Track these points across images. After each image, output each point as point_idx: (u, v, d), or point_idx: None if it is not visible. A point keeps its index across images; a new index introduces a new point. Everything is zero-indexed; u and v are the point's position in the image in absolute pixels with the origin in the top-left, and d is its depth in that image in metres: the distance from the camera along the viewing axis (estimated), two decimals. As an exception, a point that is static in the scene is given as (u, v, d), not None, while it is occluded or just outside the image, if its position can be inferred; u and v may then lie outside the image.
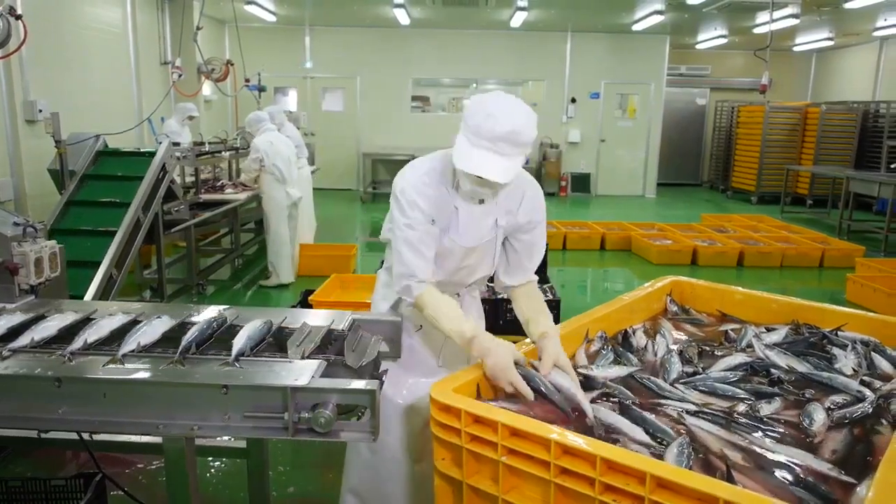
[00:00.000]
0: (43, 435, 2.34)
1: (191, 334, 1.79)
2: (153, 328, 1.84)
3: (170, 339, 1.81)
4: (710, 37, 12.67)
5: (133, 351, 1.73)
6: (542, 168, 13.14)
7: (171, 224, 5.26)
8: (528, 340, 2.13)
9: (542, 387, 1.79)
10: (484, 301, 4.52)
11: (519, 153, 1.83)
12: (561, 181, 13.24)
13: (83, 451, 2.88)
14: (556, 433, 1.56)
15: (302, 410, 1.55)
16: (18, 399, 1.63)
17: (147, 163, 4.84)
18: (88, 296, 3.79)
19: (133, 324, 1.89)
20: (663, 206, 12.50)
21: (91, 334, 1.80)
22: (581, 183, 13.46)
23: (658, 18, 10.43)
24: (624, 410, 1.79)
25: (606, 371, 2.06)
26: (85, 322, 1.91)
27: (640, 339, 2.36)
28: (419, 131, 12.52)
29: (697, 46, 13.95)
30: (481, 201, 2.02)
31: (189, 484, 1.68)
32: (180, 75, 9.10)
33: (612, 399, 1.89)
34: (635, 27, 11.74)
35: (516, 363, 1.84)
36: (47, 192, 5.75)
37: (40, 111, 6.11)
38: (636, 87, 13.39)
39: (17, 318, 1.92)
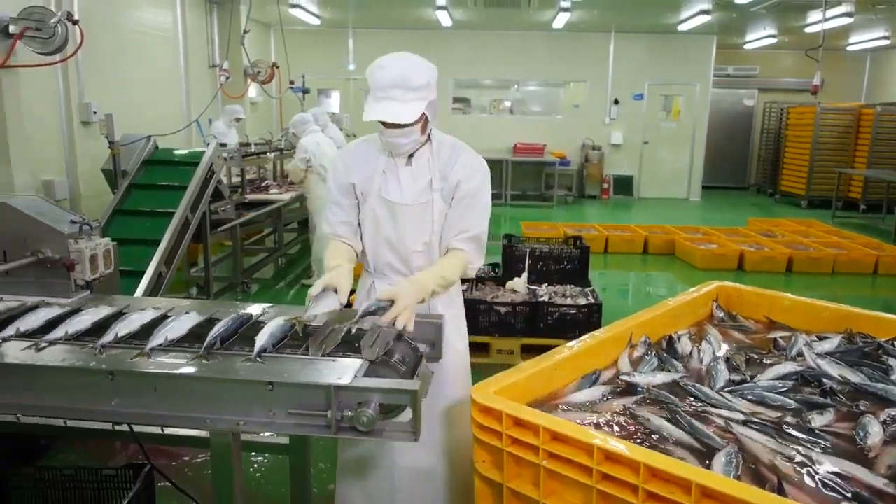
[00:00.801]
0: (95, 425, 2.42)
1: (216, 330, 1.82)
2: (181, 324, 1.89)
3: (196, 334, 1.85)
4: (759, 37, 12.36)
5: (160, 345, 1.78)
6: (584, 170, 13.01)
7: (218, 223, 5.38)
8: (569, 345, 2.12)
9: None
10: (523, 304, 4.53)
11: (414, 97, 1.96)
12: (603, 183, 13.09)
13: (132, 443, 2.97)
14: (599, 438, 1.54)
15: (345, 409, 1.56)
16: (74, 390, 1.69)
17: (193, 170, 4.95)
18: (139, 292, 3.90)
19: (162, 319, 1.94)
20: (708, 210, 12.23)
21: (122, 328, 1.85)
22: (623, 185, 13.28)
23: (704, 18, 10.22)
24: (670, 417, 1.76)
25: (650, 377, 2.03)
26: (117, 316, 1.97)
27: (684, 346, 2.31)
28: (459, 133, 12.35)
29: (745, 46, 13.63)
30: (408, 164, 2.13)
31: (234, 478, 1.72)
32: (227, 78, 9.30)
33: (656, 405, 1.86)
34: (681, 27, 11.53)
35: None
36: (100, 192, 5.94)
37: (95, 113, 6.32)
38: (681, 89, 13.15)
39: (55, 311, 1.99)
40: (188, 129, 7.99)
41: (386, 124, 2.01)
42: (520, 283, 4.89)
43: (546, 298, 4.69)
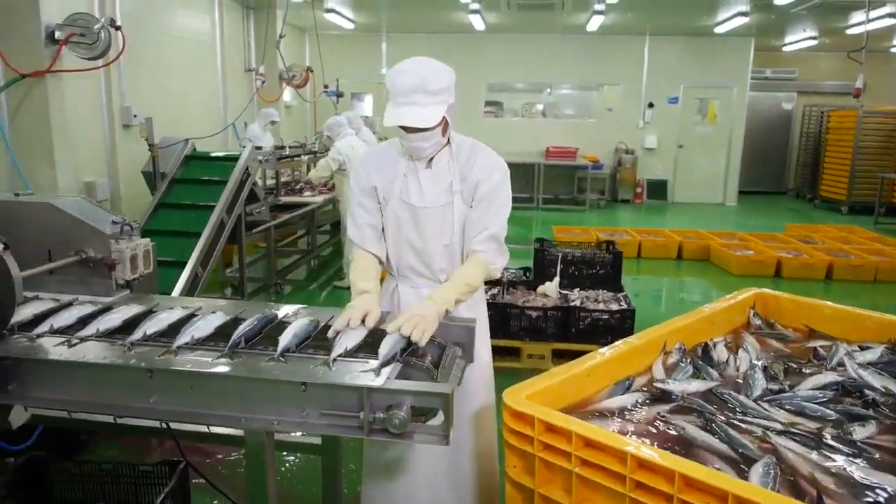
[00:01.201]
0: (131, 422, 2.48)
1: (241, 329, 1.85)
2: (207, 323, 1.93)
3: (223, 333, 1.88)
4: (799, 38, 12.09)
5: (187, 343, 1.81)
6: (617, 174, 12.89)
7: (253, 225, 5.46)
8: (601, 351, 2.10)
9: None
10: (555, 309, 4.50)
11: (435, 101, 1.98)
12: (636, 188, 12.94)
13: (167, 439, 3.03)
14: (633, 446, 1.52)
15: (377, 411, 1.57)
16: (114, 387, 1.73)
17: (231, 166, 5.04)
18: (176, 292, 3.98)
19: (190, 318, 1.98)
20: (745, 215, 12.01)
21: (150, 327, 1.89)
22: (657, 190, 13.11)
23: (742, 20, 10.03)
24: (705, 425, 1.73)
25: (685, 385, 2.00)
26: (147, 315, 2.02)
27: (720, 353, 2.28)
28: (491, 136, 12.36)
29: (784, 49, 13.35)
30: (428, 167, 2.14)
31: (267, 476, 1.74)
32: (263, 82, 9.45)
33: (691, 413, 1.83)
34: (717, 29, 11.34)
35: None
36: (140, 194, 6.08)
37: (135, 116, 6.48)
38: (717, 92, 12.93)
39: (87, 308, 2.05)
40: (224, 131, 8.13)
41: (407, 129, 2.03)
42: (551, 288, 4.86)
43: (578, 303, 4.66)
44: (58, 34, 4.79)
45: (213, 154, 5.60)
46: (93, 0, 6.24)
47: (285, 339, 1.80)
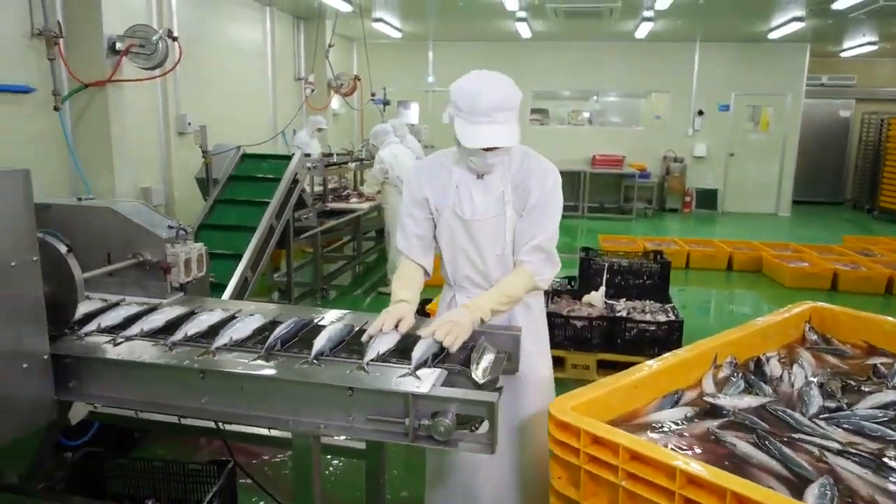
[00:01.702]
0: (182, 421, 2.54)
1: (277, 332, 1.90)
2: (245, 325, 1.98)
3: (260, 335, 1.93)
4: (857, 44, 11.67)
5: (225, 345, 1.86)
6: (665, 182, 12.66)
7: (300, 230, 5.56)
8: (649, 363, 2.06)
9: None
10: (600, 318, 4.44)
11: (512, 116, 1.98)
12: (685, 197, 12.69)
13: (215, 439, 3.10)
14: (681, 461, 1.49)
15: (422, 417, 1.58)
16: (167, 387, 1.78)
17: (282, 169, 5.15)
18: (226, 295, 4.07)
19: (229, 320, 2.03)
20: (799, 226, 11.64)
21: (191, 328, 1.96)
22: (707, 199, 12.82)
23: (798, 26, 9.77)
24: (758, 442, 1.68)
25: (737, 400, 1.95)
26: (188, 316, 2.08)
27: (774, 368, 2.21)
28: (537, 144, 12.24)
29: (842, 54, 12.92)
30: (480, 177, 2.13)
31: (314, 479, 1.76)
32: (312, 90, 9.63)
33: (743, 429, 1.78)
34: (771, 35, 11.06)
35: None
36: (192, 199, 6.26)
37: (189, 124, 6.68)
38: (771, 99, 12.59)
39: (133, 309, 2.13)
40: (274, 139, 8.32)
41: (486, 147, 1.98)
42: (597, 297, 4.80)
43: (624, 314, 4.59)
44: (119, 45, 4.98)
45: (263, 163, 5.70)
46: (151, 12, 6.48)
47: (319, 342, 1.83)
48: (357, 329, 1.98)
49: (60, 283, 1.85)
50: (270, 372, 1.71)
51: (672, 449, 1.64)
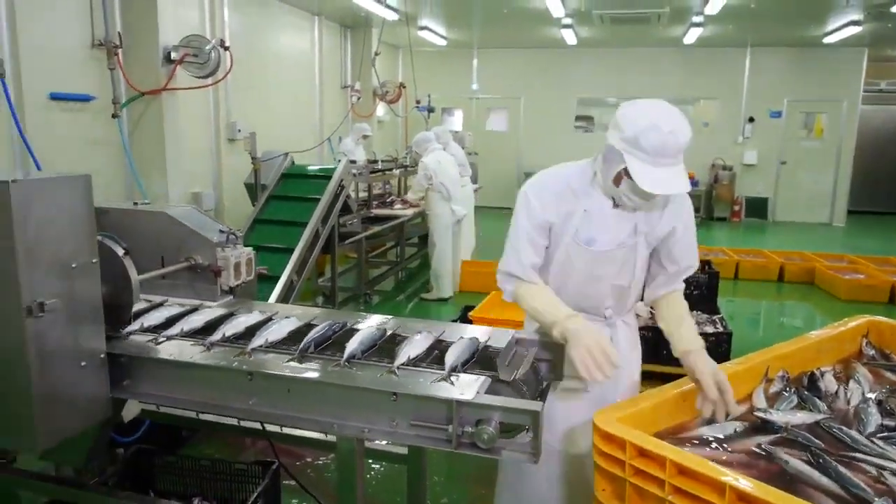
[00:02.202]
0: (228, 421, 2.59)
1: (312, 335, 1.92)
2: (281, 327, 2.01)
3: (295, 337, 1.96)
4: (920, 48, 11.26)
5: (261, 346, 1.89)
6: (713, 191, 12.39)
7: (345, 236, 5.63)
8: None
9: None
10: (646, 329, 4.36)
11: (682, 159, 1.81)
12: (734, 205, 12.39)
13: (260, 440, 3.15)
14: (730, 476, 1.45)
15: (466, 424, 1.58)
16: (216, 387, 1.82)
17: (326, 181, 5.24)
18: (272, 299, 4.15)
19: (266, 322, 2.07)
20: (854, 236, 11.23)
21: (229, 329, 2.00)
22: (757, 208, 12.51)
23: (855, 30, 9.46)
24: (811, 460, 1.63)
25: (789, 416, 1.88)
26: (227, 318, 2.13)
27: (829, 384, 2.14)
28: (582, 151, 12.25)
29: (902, 59, 12.48)
30: (616, 206, 1.96)
31: (357, 482, 1.78)
32: (358, 98, 9.77)
33: (795, 446, 1.73)
34: (827, 40, 10.73)
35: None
36: (240, 204, 6.41)
37: (239, 131, 6.85)
38: (825, 105, 12.22)
39: (175, 309, 2.20)
40: (320, 146, 8.46)
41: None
42: (642, 308, 4.69)
43: (669, 324, 4.49)
44: (174, 55, 5.15)
45: (310, 168, 5.80)
46: (205, 22, 6.68)
47: (351, 345, 1.85)
48: (390, 333, 2.00)
49: (117, 285, 1.92)
50: (316, 375, 1.74)
51: (721, 464, 1.60)
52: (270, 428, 2.49)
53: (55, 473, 2.54)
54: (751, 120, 12.36)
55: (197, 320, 2.09)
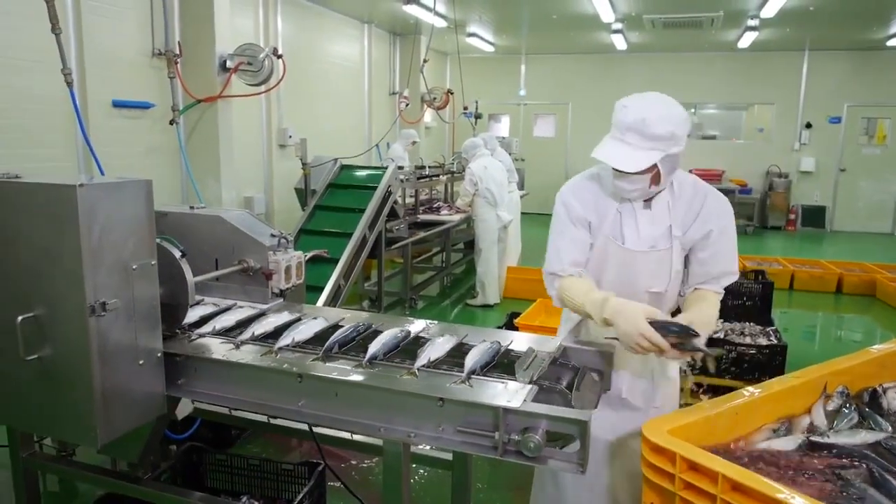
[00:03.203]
0: (276, 421, 2.64)
1: (336, 335, 1.97)
2: (308, 327, 2.06)
3: (321, 337, 2.00)
4: None
5: (288, 345, 1.94)
6: (768, 199, 12.02)
7: (392, 241, 5.68)
8: (751, 389, 1.96)
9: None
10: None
11: (648, 146, 1.80)
12: (789, 214, 12.00)
13: (306, 441, 3.20)
14: (787, 493, 1.40)
15: (512, 432, 1.57)
16: (267, 388, 1.86)
17: (377, 180, 5.29)
18: (320, 303, 4.22)
19: (295, 322, 2.12)
20: (919, 248, 10.75)
21: (258, 328, 2.07)
22: (814, 216, 12.09)
23: (921, 32, 9.09)
24: (873, 480, 1.56)
25: (849, 434, 1.81)
26: (258, 317, 2.20)
27: (892, 401, 2.05)
28: (630, 158, 12.12)
29: (973, 62, 11.88)
30: (647, 207, 1.97)
31: (403, 486, 1.79)
32: (407, 104, 9.85)
33: (856, 466, 1.66)
34: (890, 42, 10.32)
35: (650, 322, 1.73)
36: (290, 208, 6.54)
37: (290, 137, 6.99)
38: (889, 111, 11.73)
39: (209, 308, 2.28)
40: (369, 152, 8.56)
41: (615, 166, 1.87)
42: (692, 318, 4.61)
43: (722, 335, 4.38)
44: (229, 63, 5.30)
45: (358, 174, 5.87)
46: (259, 31, 6.85)
47: (374, 347, 1.88)
48: (413, 335, 2.04)
49: (174, 286, 1.98)
50: (364, 379, 1.76)
51: (777, 481, 1.55)
52: (317, 429, 2.53)
53: (111, 467, 2.64)
54: (808, 126, 11.97)
55: (229, 319, 2.16)
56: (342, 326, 2.08)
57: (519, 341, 2.02)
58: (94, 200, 1.63)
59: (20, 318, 1.69)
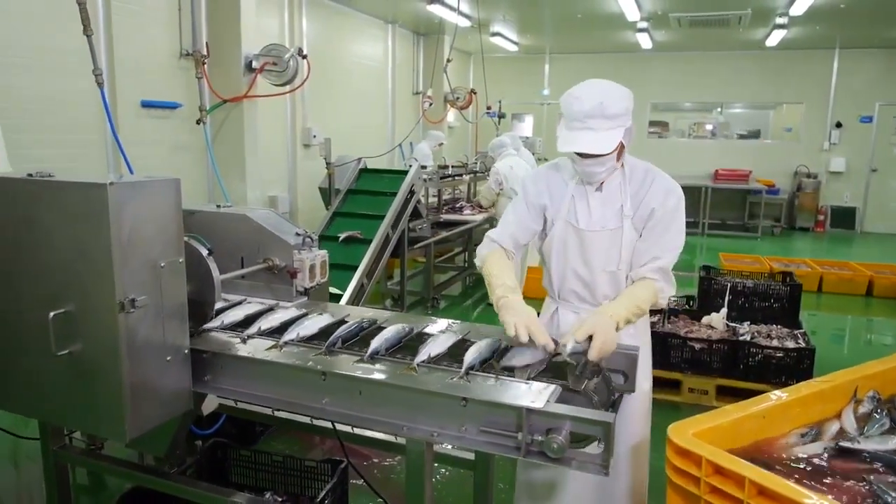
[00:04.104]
0: (300, 418, 2.66)
1: (340, 331, 2.00)
2: (313, 323, 2.09)
3: (326, 333, 2.03)
4: None
5: (292, 340, 1.98)
6: (796, 199, 11.82)
7: (415, 241, 5.68)
8: (778, 392, 1.93)
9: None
10: (721, 342, 4.22)
11: (611, 126, 1.92)
12: (818, 215, 11.79)
13: (329, 438, 3.22)
14: (815, 499, 1.38)
15: (535, 433, 1.56)
16: (291, 386, 1.87)
17: (398, 182, 5.30)
18: (343, 301, 4.24)
19: (301, 317, 2.15)
20: (953, 250, 10.48)
21: (265, 323, 2.10)
22: (843, 218, 11.85)
23: (957, 29, 8.86)
24: (905, 488, 1.53)
25: (880, 439, 1.78)
26: (265, 312, 2.23)
27: (925, 407, 2.00)
28: (655, 157, 11.87)
29: None
30: (599, 189, 2.09)
31: (425, 486, 1.79)
32: (430, 104, 9.86)
33: (888, 472, 1.63)
34: (925, 40, 10.10)
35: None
36: (314, 208, 6.58)
37: (314, 137, 7.04)
38: (922, 110, 11.47)
39: (221, 303, 2.27)
40: (392, 151, 8.59)
41: (581, 154, 1.98)
42: (717, 319, 4.56)
43: (748, 338, 4.32)
44: (254, 63, 5.35)
45: (382, 173, 5.90)
46: (284, 31, 6.91)
47: (376, 342, 1.90)
48: (416, 332, 2.06)
49: (201, 284, 2.00)
50: (388, 378, 1.76)
51: (805, 487, 1.52)
52: (339, 427, 2.55)
53: (138, 462, 2.68)
54: (838, 125, 11.74)
55: (237, 315, 2.19)
56: (347, 322, 2.11)
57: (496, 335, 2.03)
58: (124, 199, 1.66)
59: (52, 313, 1.72)
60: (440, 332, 2.02)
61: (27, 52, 4.25)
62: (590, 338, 1.79)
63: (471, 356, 1.80)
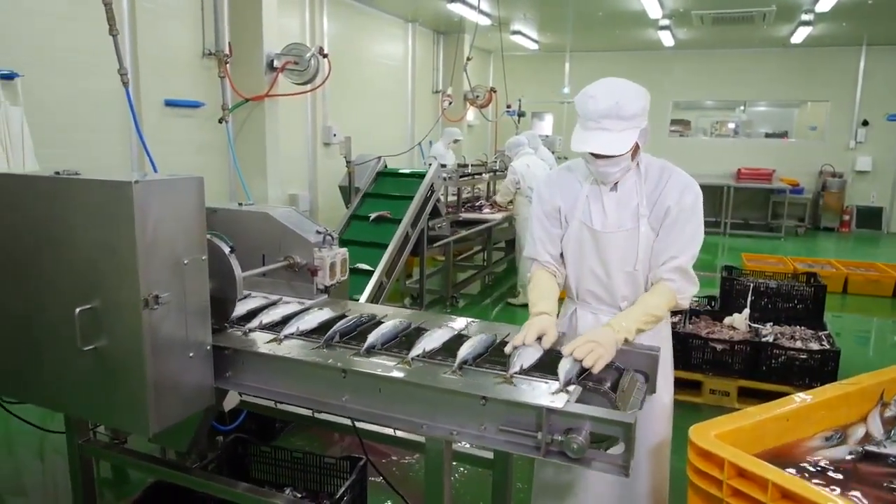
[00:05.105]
0: (320, 415, 2.68)
1: (338, 326, 2.03)
2: (313, 317, 2.13)
3: (326, 327, 2.06)
4: None
5: (292, 334, 2.03)
6: (821, 198, 11.64)
7: (434, 239, 5.69)
8: (803, 395, 1.90)
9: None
10: (743, 343, 4.17)
11: (626, 126, 1.89)
12: (843, 215, 11.60)
13: (348, 435, 3.23)
14: (838, 503, 1.36)
15: (555, 433, 1.56)
16: (312, 383, 1.89)
17: (417, 183, 5.30)
18: (363, 299, 4.26)
19: (302, 311, 2.18)
20: (983, 251, 10.25)
21: (266, 317, 2.15)
22: (869, 218, 11.65)
23: None
24: (933, 494, 1.50)
25: (908, 443, 1.74)
26: (267, 307, 2.27)
27: (954, 411, 1.96)
28: (677, 156, 11.76)
29: None
30: (613, 189, 2.06)
31: (444, 484, 1.79)
32: (450, 102, 9.86)
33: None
34: (955, 37, 9.88)
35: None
36: (334, 206, 6.62)
37: (335, 135, 7.08)
38: (952, 108, 11.23)
39: (255, 304, 2.32)
40: (411, 150, 8.61)
41: (595, 154, 1.96)
42: (740, 320, 4.51)
43: (771, 339, 4.27)
44: (276, 62, 5.39)
45: (401, 171, 5.90)
46: (305, 31, 6.95)
47: (372, 337, 1.93)
48: (413, 327, 2.08)
49: (223, 281, 2.02)
50: (407, 376, 1.77)
51: (830, 491, 1.50)
52: (359, 424, 2.56)
53: (161, 456, 2.71)
54: (865, 123, 11.54)
55: (240, 309, 2.20)
56: (346, 317, 2.15)
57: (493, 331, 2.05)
58: (148, 197, 1.68)
59: (78, 309, 1.75)
60: (438, 328, 2.04)
61: (54, 53, 4.32)
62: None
63: (465, 351, 1.82)
